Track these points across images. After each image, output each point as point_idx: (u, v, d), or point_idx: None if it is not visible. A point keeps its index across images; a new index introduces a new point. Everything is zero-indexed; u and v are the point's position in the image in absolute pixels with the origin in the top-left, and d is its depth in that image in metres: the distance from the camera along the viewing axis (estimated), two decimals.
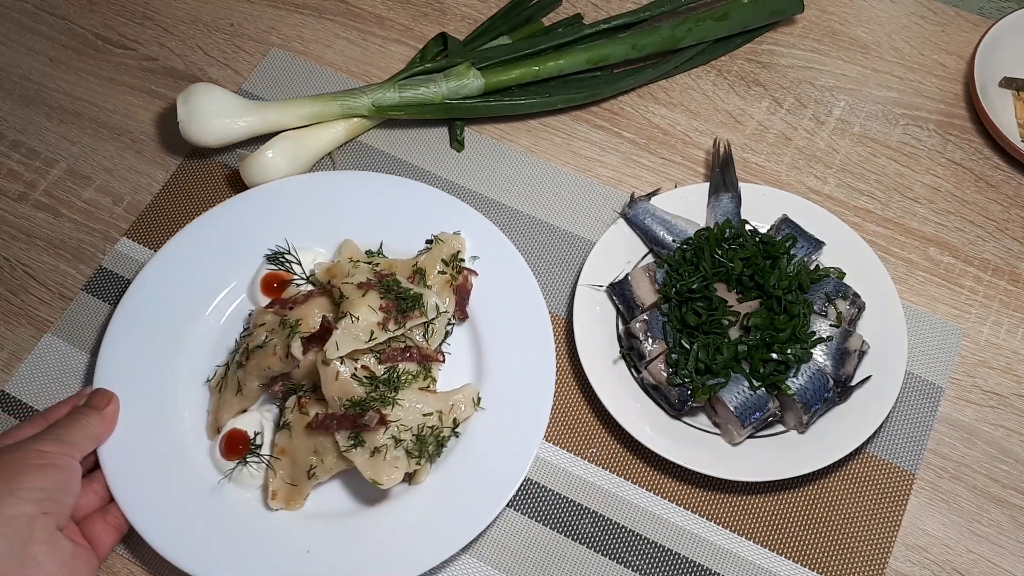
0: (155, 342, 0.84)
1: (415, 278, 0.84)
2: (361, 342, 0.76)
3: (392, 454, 0.74)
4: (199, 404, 0.83)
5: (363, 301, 0.78)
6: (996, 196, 0.97)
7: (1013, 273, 0.92)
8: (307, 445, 0.76)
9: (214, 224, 0.89)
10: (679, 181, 0.98)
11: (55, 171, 1.00)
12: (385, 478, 0.73)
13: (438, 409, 0.78)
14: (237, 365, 0.81)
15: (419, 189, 0.91)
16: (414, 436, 0.75)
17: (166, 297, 0.86)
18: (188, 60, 1.07)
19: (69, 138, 1.02)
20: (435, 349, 0.83)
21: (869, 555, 0.79)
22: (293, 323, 0.79)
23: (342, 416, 0.74)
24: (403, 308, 0.79)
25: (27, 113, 1.04)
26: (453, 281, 0.85)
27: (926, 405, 0.85)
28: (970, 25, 1.08)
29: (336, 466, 0.76)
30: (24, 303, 0.92)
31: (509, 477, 0.77)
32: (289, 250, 0.88)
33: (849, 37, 1.08)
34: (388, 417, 0.74)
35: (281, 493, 0.77)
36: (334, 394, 0.75)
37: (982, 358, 0.88)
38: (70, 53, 1.08)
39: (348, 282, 0.79)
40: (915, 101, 1.03)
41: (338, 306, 0.79)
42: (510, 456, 0.78)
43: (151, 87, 1.06)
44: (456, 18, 1.10)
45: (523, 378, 0.81)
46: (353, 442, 0.74)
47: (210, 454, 0.80)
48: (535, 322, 0.84)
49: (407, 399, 0.77)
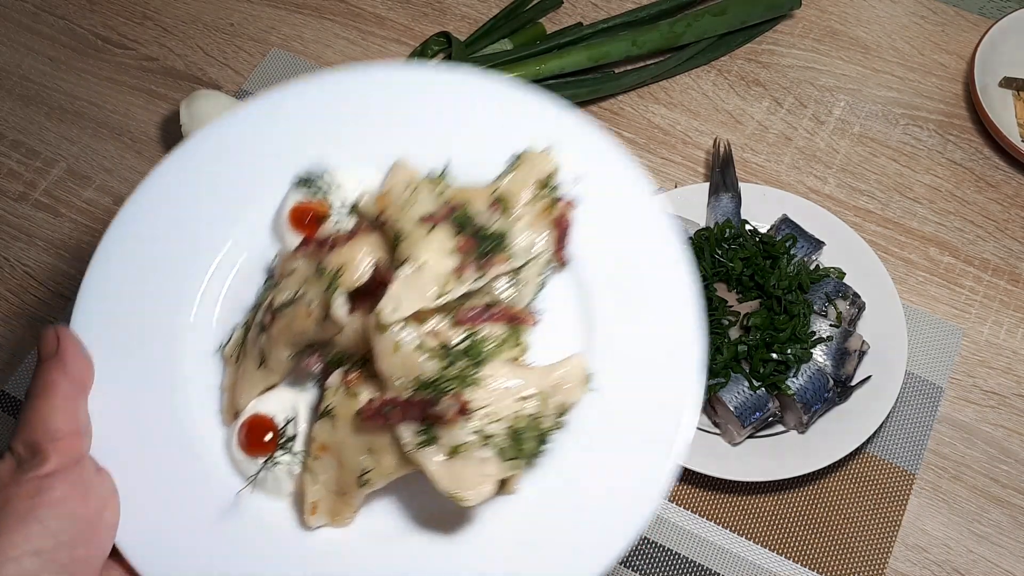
0: (149, 295, 0.62)
1: (495, 209, 0.63)
2: (430, 298, 0.55)
3: (478, 455, 0.54)
4: (210, 379, 0.62)
5: (430, 241, 0.57)
6: (996, 196, 0.97)
7: (1013, 273, 0.92)
8: (357, 441, 0.56)
9: (227, 137, 0.67)
10: (679, 181, 0.98)
11: (55, 171, 1.00)
12: (471, 492, 0.52)
13: (538, 390, 0.57)
14: (259, 328, 0.60)
15: (497, 86, 0.66)
16: (508, 429, 0.55)
17: (164, 234, 0.63)
18: (188, 60, 1.07)
19: (69, 138, 1.02)
20: (526, 306, 0.61)
21: (869, 555, 0.79)
22: (333, 272, 0.58)
23: (406, 402, 0.54)
24: (484, 250, 0.58)
25: (27, 113, 1.04)
26: (548, 213, 0.65)
27: (926, 405, 0.85)
28: (970, 25, 1.08)
29: (397, 470, 0.56)
30: (24, 303, 0.92)
31: (639, 487, 0.55)
32: (325, 172, 0.67)
33: (849, 37, 1.08)
34: (471, 404, 0.54)
35: (323, 505, 0.57)
36: (394, 372, 0.55)
37: (982, 358, 0.88)
38: (70, 53, 1.08)
39: (407, 215, 0.59)
40: (915, 101, 1.03)
41: (394, 248, 0.59)
42: (637, 458, 0.57)
43: (151, 87, 1.06)
44: (456, 18, 1.10)
45: (651, 349, 0.59)
46: (423, 438, 0.54)
47: (226, 448, 0.60)
48: (665, 269, 0.60)
49: (495, 377, 0.56)
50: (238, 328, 0.63)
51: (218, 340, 0.63)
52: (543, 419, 0.56)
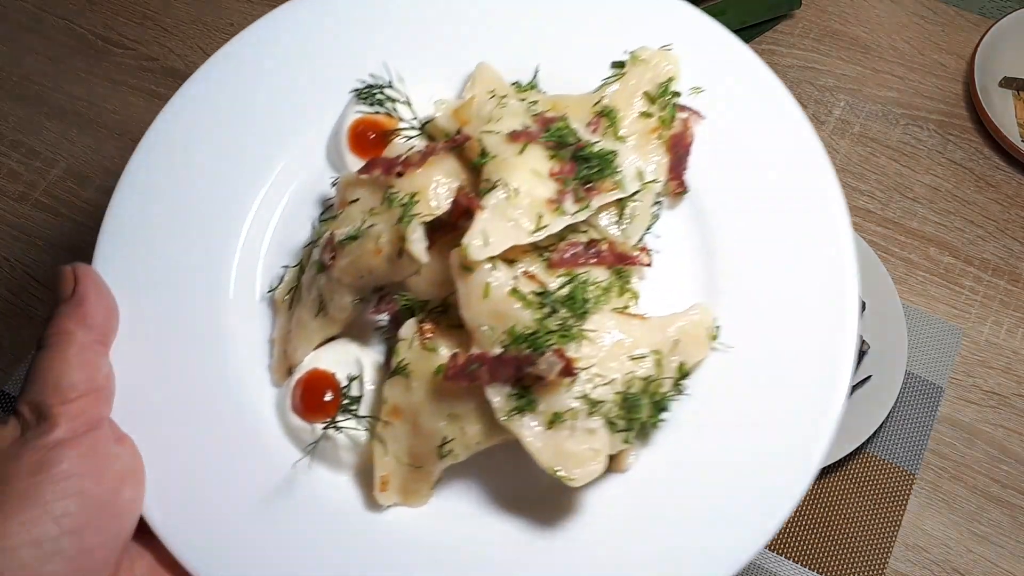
0: (185, 228, 0.51)
1: (598, 125, 0.52)
2: (525, 232, 0.45)
3: (583, 425, 0.44)
4: (257, 329, 0.52)
5: (522, 162, 0.46)
6: (996, 196, 0.97)
7: (1013, 273, 0.92)
8: (437, 405, 0.47)
9: (275, 40, 0.56)
10: None
11: (55, 171, 1.00)
12: (577, 469, 0.43)
13: (654, 348, 0.46)
14: (317, 268, 0.50)
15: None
16: (618, 395, 0.45)
17: (201, 155, 0.53)
18: (188, 60, 1.07)
19: (69, 138, 1.02)
20: (636, 245, 0.51)
21: (869, 555, 0.79)
22: (406, 200, 0.47)
23: (497, 359, 0.45)
24: (586, 175, 0.47)
25: (27, 113, 1.04)
26: (663, 130, 0.52)
27: (926, 405, 0.85)
28: (970, 25, 1.08)
29: (484, 440, 0.47)
30: (24, 303, 0.92)
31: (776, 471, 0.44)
32: (391, 81, 0.55)
33: (849, 37, 1.08)
34: (578, 363, 0.45)
35: (395, 480, 0.47)
36: (482, 321, 0.45)
37: (982, 358, 0.88)
38: (70, 53, 1.08)
39: (493, 131, 0.48)
40: (915, 101, 1.03)
41: (478, 171, 0.48)
42: (775, 434, 0.46)
43: (151, 87, 1.06)
44: None
45: (791, 299, 0.48)
46: (517, 403, 0.45)
47: (277, 411, 0.50)
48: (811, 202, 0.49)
49: (602, 331, 0.46)
50: (290, 269, 0.53)
51: (266, 283, 0.53)
52: (659, 383, 0.46)
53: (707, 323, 0.48)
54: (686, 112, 0.53)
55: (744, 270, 0.49)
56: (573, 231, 0.48)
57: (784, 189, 0.50)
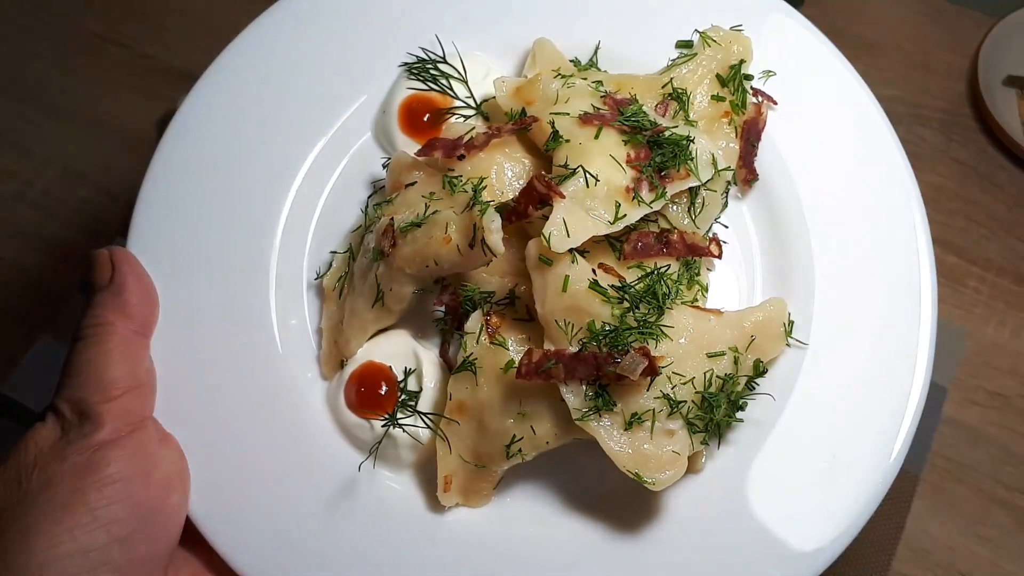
0: (225, 209, 0.48)
1: (667, 108, 0.48)
2: (604, 223, 0.43)
3: (663, 426, 0.42)
4: (305, 319, 0.50)
5: (598, 147, 0.44)
6: (1001, 196, 0.96)
7: (1018, 273, 0.92)
8: (506, 402, 0.45)
9: (319, 9, 0.52)
10: None
11: (51, 170, 1.00)
12: (659, 473, 0.41)
13: (731, 345, 0.44)
14: (375, 255, 0.47)
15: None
16: (698, 394, 0.43)
17: (242, 129, 0.49)
18: (186, 59, 1.07)
19: (66, 137, 1.02)
20: (707, 235, 0.49)
21: (872, 558, 0.78)
22: (474, 185, 0.44)
23: (575, 356, 0.43)
24: (661, 163, 0.44)
25: (22, 112, 1.03)
26: (735, 115, 0.49)
27: (930, 407, 0.84)
28: (974, 23, 1.07)
29: (555, 440, 0.45)
30: (20, 303, 0.92)
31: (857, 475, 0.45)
32: (445, 57, 0.51)
33: (852, 35, 1.07)
34: (661, 362, 0.42)
35: (459, 480, 0.45)
36: (560, 316, 0.43)
37: (986, 359, 0.87)
38: (67, 51, 1.07)
39: (563, 112, 0.45)
40: (919, 100, 1.02)
41: (546, 155, 0.46)
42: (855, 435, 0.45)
43: (149, 86, 1.05)
44: None
45: (870, 295, 0.47)
46: (595, 404, 0.42)
47: (328, 404, 0.48)
48: (887, 194, 0.48)
49: (679, 327, 0.43)
50: (338, 255, 0.50)
51: (313, 268, 0.50)
52: (737, 381, 0.44)
53: (782, 318, 0.47)
54: (758, 97, 0.51)
55: (818, 264, 0.48)
56: (644, 221, 0.46)
57: (860, 182, 0.49)
